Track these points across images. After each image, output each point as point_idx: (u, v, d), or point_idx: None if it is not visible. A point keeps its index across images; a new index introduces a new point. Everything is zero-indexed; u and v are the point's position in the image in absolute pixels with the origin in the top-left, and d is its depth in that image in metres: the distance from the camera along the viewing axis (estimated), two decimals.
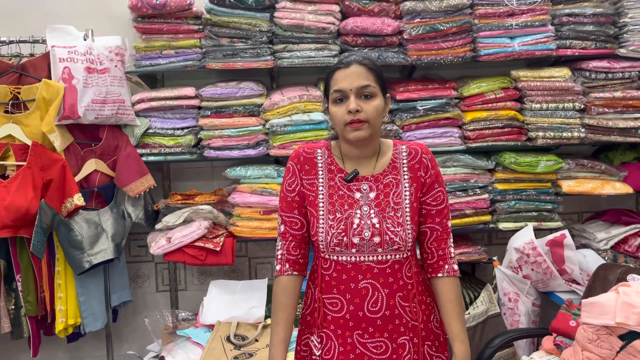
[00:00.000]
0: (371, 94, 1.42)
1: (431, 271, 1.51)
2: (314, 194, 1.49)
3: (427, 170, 1.49)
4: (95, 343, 2.73)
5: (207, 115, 2.42)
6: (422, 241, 1.52)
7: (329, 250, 1.45)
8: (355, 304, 1.43)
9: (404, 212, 1.45)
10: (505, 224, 2.47)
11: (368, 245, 1.43)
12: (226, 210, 2.54)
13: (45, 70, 2.32)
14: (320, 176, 1.50)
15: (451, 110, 2.41)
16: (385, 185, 1.47)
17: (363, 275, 1.44)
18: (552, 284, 2.29)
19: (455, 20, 2.34)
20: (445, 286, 1.48)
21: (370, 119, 1.41)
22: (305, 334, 1.53)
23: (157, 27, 2.36)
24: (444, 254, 1.50)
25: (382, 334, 1.44)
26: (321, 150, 1.53)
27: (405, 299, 1.45)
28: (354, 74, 1.42)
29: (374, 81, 1.43)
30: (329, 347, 1.45)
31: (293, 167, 1.52)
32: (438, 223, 1.50)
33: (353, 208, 1.45)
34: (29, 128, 2.27)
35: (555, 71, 2.41)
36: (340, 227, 1.44)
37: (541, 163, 2.42)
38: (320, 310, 1.46)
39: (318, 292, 1.47)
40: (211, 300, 2.39)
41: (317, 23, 2.36)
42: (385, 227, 1.43)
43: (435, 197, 1.50)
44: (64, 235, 2.30)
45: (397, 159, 1.50)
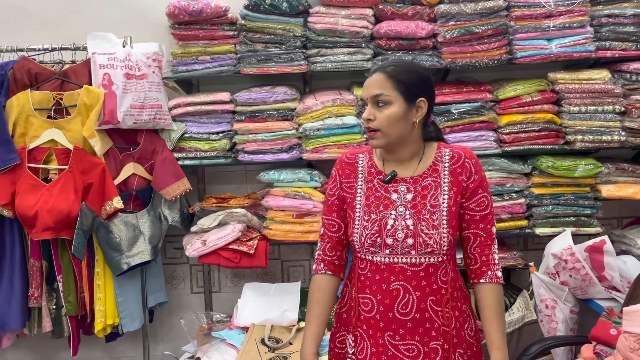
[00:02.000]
0: (385, 102, 1.43)
1: (474, 277, 1.50)
2: (352, 196, 1.52)
3: (470, 175, 1.48)
4: (132, 343, 2.79)
5: (242, 120, 2.46)
6: (466, 247, 1.51)
7: (364, 251, 1.47)
8: (385, 304, 1.44)
9: (440, 215, 1.44)
10: (542, 229, 2.43)
11: (401, 246, 1.43)
12: (259, 214, 2.57)
13: (86, 77, 2.39)
14: (360, 179, 1.53)
15: (486, 114, 2.38)
16: (424, 188, 1.47)
17: (396, 276, 1.44)
18: (591, 291, 2.24)
19: (490, 22, 2.32)
20: (487, 292, 1.47)
21: (382, 128, 1.42)
22: (341, 332, 1.55)
23: (193, 34, 2.40)
24: (487, 260, 1.48)
25: (413, 337, 1.44)
26: (363, 154, 1.57)
27: (438, 304, 1.44)
28: (371, 82, 1.45)
29: (391, 88, 1.42)
30: (362, 347, 1.47)
31: (335, 173, 1.58)
32: (482, 229, 1.48)
33: (388, 209, 1.46)
34: (71, 133, 2.34)
35: (594, 73, 2.35)
36: (374, 227, 1.45)
37: (579, 167, 2.37)
38: (356, 310, 1.49)
39: (354, 291, 1.50)
40: (245, 303, 2.41)
41: (350, 27, 2.37)
42: (420, 229, 1.42)
43: (479, 202, 1.48)
44: (104, 237, 2.36)
45: (439, 162, 1.50)
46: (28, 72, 2.36)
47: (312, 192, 2.44)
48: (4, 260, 2.37)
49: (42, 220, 2.23)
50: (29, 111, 2.32)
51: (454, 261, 1.50)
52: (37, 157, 2.32)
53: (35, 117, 2.33)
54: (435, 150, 1.52)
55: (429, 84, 1.49)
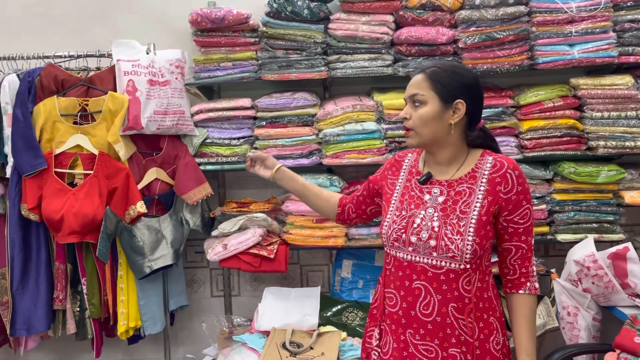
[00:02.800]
0: (420, 102, 1.47)
1: (511, 287, 1.51)
2: (391, 191, 1.59)
3: (511, 187, 1.45)
4: (154, 346, 2.83)
5: (263, 125, 2.48)
6: (505, 257, 1.52)
7: (389, 245, 1.52)
8: (408, 302, 1.46)
9: (468, 222, 1.43)
10: (564, 236, 2.41)
11: (424, 246, 1.45)
12: (280, 218, 2.58)
13: (111, 83, 2.43)
14: (401, 177, 1.60)
15: (507, 119, 2.38)
16: (457, 193, 1.48)
17: (417, 275, 1.46)
18: (614, 299, 2.21)
19: (512, 28, 2.31)
20: (524, 302, 1.49)
21: (415, 127, 1.47)
22: (371, 326, 1.60)
23: (215, 40, 2.43)
24: (527, 271, 1.50)
25: (432, 339, 1.44)
26: (412, 154, 1.65)
27: (461, 312, 1.44)
28: (412, 83, 1.51)
29: (428, 88, 1.46)
30: (385, 341, 1.51)
31: (384, 167, 1.69)
32: (524, 241, 1.49)
33: (419, 208, 1.49)
34: (96, 138, 2.38)
35: (617, 79, 2.33)
36: (402, 224, 1.49)
37: (602, 173, 2.35)
38: (381, 304, 1.54)
39: (382, 286, 1.56)
40: (266, 307, 2.43)
41: (370, 33, 2.38)
42: (444, 233, 1.43)
43: (522, 214, 1.47)
44: (127, 241, 2.40)
45: (479, 169, 1.49)
46: (55, 79, 2.41)
47: None
48: (30, 263, 2.42)
49: (68, 224, 2.27)
50: (56, 117, 2.37)
51: (483, 271, 1.48)
52: (63, 162, 2.37)
53: (61, 123, 2.37)
54: (477, 158, 1.51)
55: (472, 87, 1.48)
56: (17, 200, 2.36)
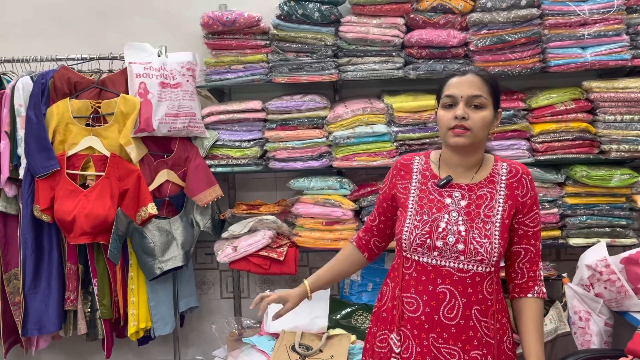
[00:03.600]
0: (481, 105, 1.45)
1: (519, 291, 1.51)
2: (405, 196, 1.55)
3: (526, 192, 1.50)
4: (163, 347, 2.84)
5: (273, 128, 2.48)
6: (514, 261, 1.53)
7: (411, 250, 1.48)
8: (431, 306, 1.45)
9: (493, 226, 1.45)
10: (575, 240, 2.39)
11: (451, 251, 1.44)
12: (289, 221, 2.59)
13: (123, 86, 2.45)
14: (414, 180, 1.56)
15: (519, 122, 2.36)
16: (479, 197, 1.48)
17: (442, 279, 1.45)
18: (627, 304, 2.19)
19: (523, 31, 2.30)
20: (532, 306, 1.50)
21: (474, 128, 1.43)
22: (382, 330, 1.56)
23: (226, 43, 2.44)
24: (535, 275, 1.51)
25: (455, 343, 1.44)
26: (419, 157, 1.61)
27: (484, 314, 1.45)
28: (467, 82, 1.46)
29: (487, 93, 1.46)
30: (407, 346, 1.48)
31: (390, 174, 1.64)
32: (533, 245, 1.51)
33: (441, 212, 1.48)
34: (108, 140, 2.40)
35: (631, 82, 2.31)
36: (425, 228, 1.47)
37: (615, 177, 2.33)
38: (399, 309, 1.50)
39: (398, 290, 1.51)
40: (275, 309, 2.42)
41: (381, 36, 2.38)
42: (472, 237, 1.43)
43: (533, 218, 1.50)
44: (138, 243, 2.41)
45: (496, 174, 1.51)
46: (67, 81, 2.43)
47: (342, 199, 2.45)
48: (42, 263, 2.44)
49: (80, 225, 2.29)
50: (68, 119, 2.39)
51: (498, 274, 1.51)
52: (75, 163, 2.39)
53: (74, 125, 2.39)
54: (492, 163, 1.54)
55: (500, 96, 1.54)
56: (29, 201, 2.38)
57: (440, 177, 1.53)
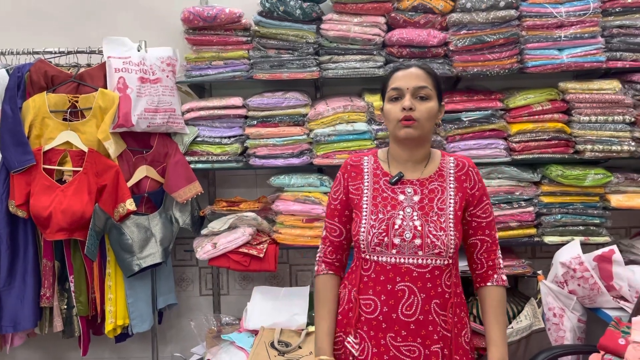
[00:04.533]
0: (426, 96, 1.48)
1: (480, 280, 1.55)
2: (358, 197, 1.55)
3: (474, 184, 1.54)
4: (142, 344, 2.81)
5: (254, 125, 2.48)
6: (472, 253, 1.57)
7: (370, 250, 1.49)
8: (389, 305, 1.46)
9: (447, 218, 1.48)
10: (550, 238, 2.44)
11: (409, 246, 1.45)
12: (269, 218, 2.59)
13: (101, 80, 2.42)
14: (366, 180, 1.57)
15: (496, 122, 2.40)
16: (430, 191, 1.51)
17: (401, 277, 1.46)
18: (600, 300, 2.24)
19: (502, 32, 2.33)
20: (493, 294, 1.53)
21: (421, 119, 1.47)
22: (337, 333, 1.56)
23: (207, 39, 2.43)
24: (494, 264, 1.55)
25: (415, 339, 1.45)
26: (368, 157, 1.62)
27: (443, 308, 1.46)
28: (412, 75, 1.49)
29: (431, 85, 1.50)
30: (363, 348, 1.49)
31: (340, 177, 1.62)
32: (488, 235, 1.55)
33: (396, 209, 1.49)
34: (86, 135, 2.37)
35: (605, 83, 2.37)
36: (382, 227, 1.48)
37: (589, 176, 2.38)
38: (356, 311, 1.50)
39: (355, 292, 1.51)
40: (254, 306, 2.43)
41: (362, 35, 2.39)
42: (427, 230, 1.45)
43: (484, 209, 1.55)
44: (116, 239, 2.39)
45: (444, 168, 1.55)
46: (44, 75, 2.39)
47: (322, 197, 2.46)
48: (17, 260, 2.40)
49: (56, 221, 2.26)
50: (45, 113, 2.35)
51: (457, 266, 1.54)
52: (52, 158, 2.35)
53: (50, 119, 2.36)
54: (439, 157, 1.58)
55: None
56: (4, 196, 2.34)
57: (391, 174, 1.54)
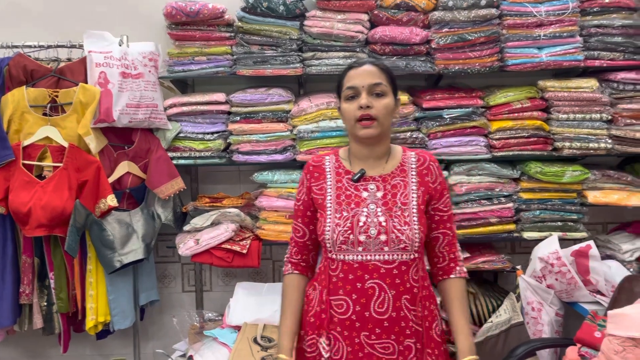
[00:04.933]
0: (382, 93, 1.48)
1: (442, 273, 1.57)
2: (322, 197, 1.55)
3: (435, 178, 1.56)
4: (123, 341, 2.80)
5: (237, 121, 2.48)
6: (433, 246, 1.58)
7: (336, 249, 1.49)
8: (361, 304, 1.46)
9: (411, 213, 1.49)
10: (529, 234, 2.48)
11: (374, 243, 1.46)
12: (253, 214, 2.59)
13: (82, 75, 2.39)
14: (329, 179, 1.57)
15: (477, 119, 2.43)
16: (393, 186, 1.52)
17: (370, 274, 1.46)
18: (577, 295, 2.29)
19: (483, 30, 2.36)
20: (456, 286, 1.56)
21: (380, 116, 1.47)
22: (310, 335, 1.54)
23: (190, 34, 2.42)
24: (455, 257, 1.58)
25: (389, 336, 1.46)
26: (329, 157, 1.62)
27: (412, 302, 1.48)
28: (366, 72, 1.49)
29: (386, 81, 1.50)
30: (337, 348, 1.49)
31: (303, 178, 1.63)
32: (449, 228, 1.57)
33: (360, 206, 1.50)
34: (66, 130, 2.35)
35: (583, 82, 2.41)
36: (347, 224, 1.48)
37: (567, 173, 2.42)
38: (327, 313, 1.49)
39: (325, 294, 1.50)
40: (237, 302, 2.43)
41: (345, 32, 2.40)
42: (392, 226, 1.46)
43: (445, 203, 1.57)
44: (97, 235, 2.37)
45: (406, 163, 1.56)
46: (24, 69, 2.36)
47: None
48: None
49: (36, 217, 2.23)
50: (24, 108, 2.32)
51: (423, 261, 1.55)
52: (31, 154, 2.32)
53: (30, 114, 2.33)
54: (400, 153, 1.59)
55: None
56: None
57: (353, 172, 1.55)
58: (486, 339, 2.26)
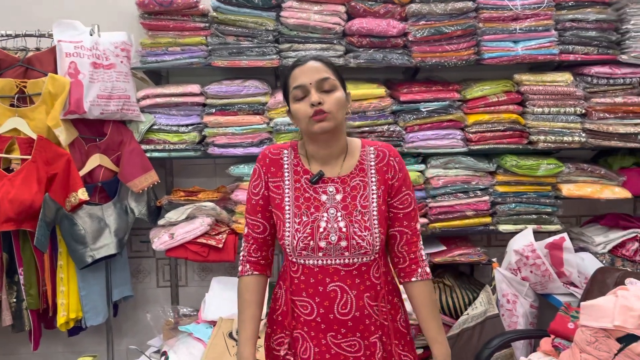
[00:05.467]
0: (332, 87, 1.42)
1: (403, 275, 1.50)
2: (280, 197, 1.47)
3: (394, 173, 1.49)
4: (96, 337, 2.74)
5: (212, 113, 2.44)
6: (392, 245, 1.51)
7: (296, 255, 1.44)
8: (325, 306, 1.43)
9: (371, 216, 1.44)
10: (505, 226, 2.49)
11: (335, 249, 1.42)
12: (228, 208, 2.55)
13: (51, 65, 2.33)
14: (287, 178, 1.49)
15: (454, 113, 2.43)
16: (353, 188, 1.46)
17: (330, 278, 1.43)
18: (551, 287, 2.32)
19: (460, 23, 2.36)
20: (419, 290, 1.49)
21: (333, 111, 1.40)
22: (278, 334, 1.52)
23: (163, 24, 2.37)
24: (415, 257, 1.49)
25: (354, 334, 1.44)
26: (287, 150, 1.52)
27: (374, 299, 1.45)
28: (312, 68, 1.42)
29: (333, 75, 1.43)
30: (305, 348, 1.46)
31: (259, 170, 1.51)
32: (407, 226, 1.49)
33: (319, 211, 1.44)
34: (35, 122, 2.28)
35: (558, 76, 2.43)
36: (307, 231, 1.42)
37: (542, 166, 2.44)
38: (291, 313, 1.46)
39: (289, 293, 1.47)
40: (213, 297, 2.40)
41: (322, 23, 2.38)
42: (352, 232, 1.42)
43: (402, 200, 1.49)
44: (67, 230, 2.31)
45: (365, 161, 1.49)
46: None
47: None
48: None
49: (3, 211, 2.17)
50: None
51: (384, 256, 1.51)
52: None
53: None
54: (359, 148, 1.51)
55: None
56: None
57: (312, 172, 1.47)
58: (462, 331, 2.28)
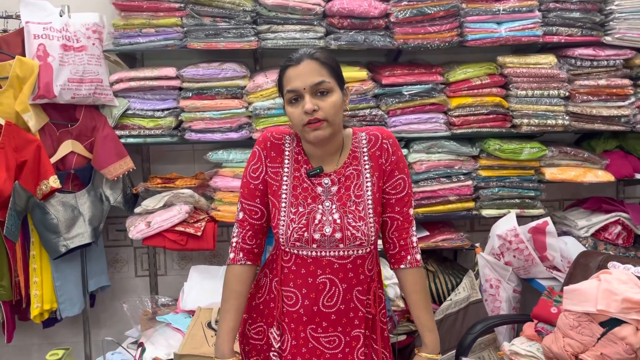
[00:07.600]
0: (327, 90, 1.33)
1: (394, 262, 1.47)
2: (277, 184, 1.42)
3: (387, 157, 1.43)
4: (72, 328, 2.69)
5: (189, 97, 2.36)
6: (384, 231, 1.47)
7: (289, 245, 1.40)
8: (310, 298, 1.39)
9: (365, 205, 1.40)
10: (488, 211, 2.47)
11: (329, 241, 1.38)
12: (207, 195, 2.50)
13: (19, 47, 2.23)
14: (286, 165, 1.44)
15: (437, 96, 2.39)
16: (347, 178, 1.42)
17: (322, 270, 1.39)
18: (534, 271, 2.31)
19: (442, 4, 2.31)
20: (410, 277, 1.46)
21: (329, 117, 1.32)
22: (258, 323, 1.48)
23: (136, 5, 2.28)
24: (405, 244, 1.46)
25: (335, 329, 1.41)
26: (290, 137, 1.46)
27: (364, 293, 1.42)
28: (306, 71, 1.33)
29: (328, 75, 1.34)
30: (283, 340, 1.43)
31: (259, 153, 1.45)
32: (398, 212, 1.44)
33: (316, 202, 1.40)
34: (2, 107, 2.18)
35: (541, 58, 2.40)
36: (302, 222, 1.38)
37: (525, 150, 2.42)
38: (279, 303, 1.42)
39: (277, 283, 1.43)
40: (192, 286, 2.35)
41: (302, 4, 2.31)
42: (347, 223, 1.38)
43: (395, 185, 1.44)
44: (39, 219, 2.24)
45: (357, 149, 1.44)
46: None
47: None
48: None
49: None
50: None
51: (377, 249, 1.48)
52: None
53: None
54: (351, 137, 1.46)
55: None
56: None
57: (312, 164, 1.42)
58: (445, 316, 2.26)
